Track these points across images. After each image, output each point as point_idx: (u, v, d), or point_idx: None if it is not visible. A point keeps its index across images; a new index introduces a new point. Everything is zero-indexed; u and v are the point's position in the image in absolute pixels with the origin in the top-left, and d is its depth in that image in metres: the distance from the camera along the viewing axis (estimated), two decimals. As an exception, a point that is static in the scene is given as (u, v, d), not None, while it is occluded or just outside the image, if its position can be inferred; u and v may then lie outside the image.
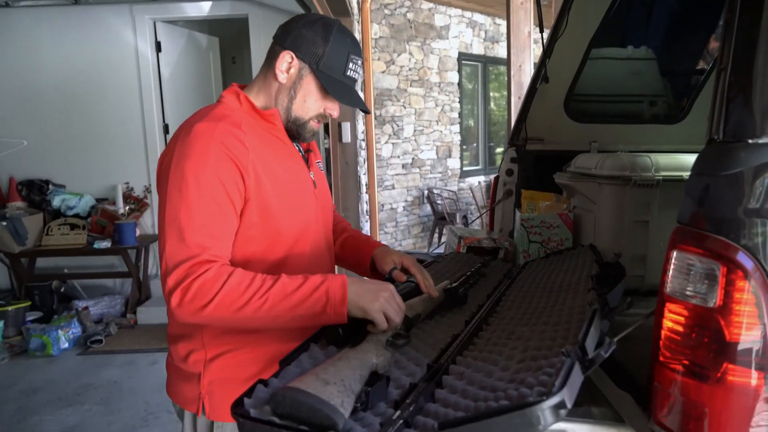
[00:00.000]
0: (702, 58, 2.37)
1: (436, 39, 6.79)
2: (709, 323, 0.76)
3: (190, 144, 1.03)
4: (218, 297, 0.94)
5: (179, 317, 0.97)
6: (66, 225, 4.42)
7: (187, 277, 0.95)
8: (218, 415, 1.12)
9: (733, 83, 0.79)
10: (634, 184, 1.67)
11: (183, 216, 0.99)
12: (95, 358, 3.78)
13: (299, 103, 1.15)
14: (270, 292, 0.97)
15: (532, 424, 0.63)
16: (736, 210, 0.75)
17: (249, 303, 0.96)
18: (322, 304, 0.98)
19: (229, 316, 0.96)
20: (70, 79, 4.63)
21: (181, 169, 1.02)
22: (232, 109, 1.13)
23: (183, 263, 0.96)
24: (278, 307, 0.97)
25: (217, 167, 1.02)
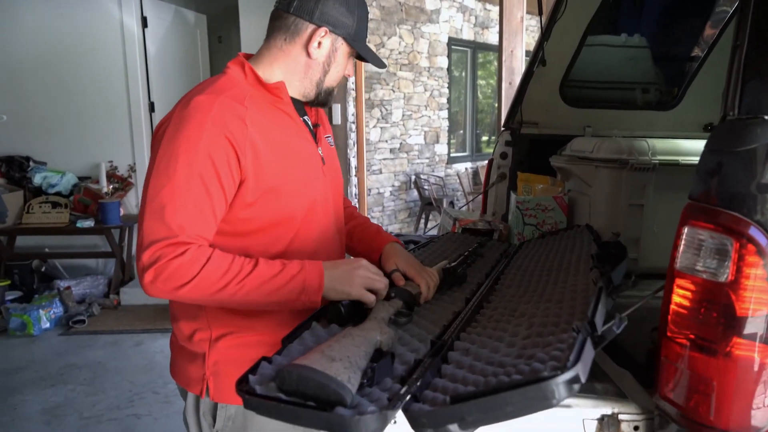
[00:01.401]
0: (697, 45, 2.38)
1: (427, 23, 6.74)
2: (719, 298, 0.76)
3: (186, 118, 0.99)
4: (195, 280, 0.93)
5: (150, 293, 0.95)
6: (48, 203, 4.32)
7: (162, 257, 0.93)
8: (222, 396, 1.08)
9: (749, 60, 0.78)
10: (631, 167, 1.68)
11: (166, 193, 0.95)
12: (78, 338, 3.72)
13: (332, 74, 1.14)
14: (247, 279, 0.96)
15: (546, 398, 0.62)
16: (750, 185, 0.75)
17: (225, 288, 0.95)
18: (297, 293, 0.99)
19: (204, 298, 0.97)
20: (52, 53, 4.50)
21: (173, 144, 0.98)
22: (237, 81, 1.08)
23: (159, 242, 0.93)
24: (254, 293, 0.97)
25: (210, 145, 0.97)
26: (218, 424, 1.10)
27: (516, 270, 1.41)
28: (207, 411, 1.12)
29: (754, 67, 0.78)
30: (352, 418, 0.69)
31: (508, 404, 0.63)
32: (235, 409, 1.09)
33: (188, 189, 0.96)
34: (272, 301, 0.98)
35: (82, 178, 4.59)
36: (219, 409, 1.10)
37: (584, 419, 0.92)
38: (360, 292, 1.01)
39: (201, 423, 1.13)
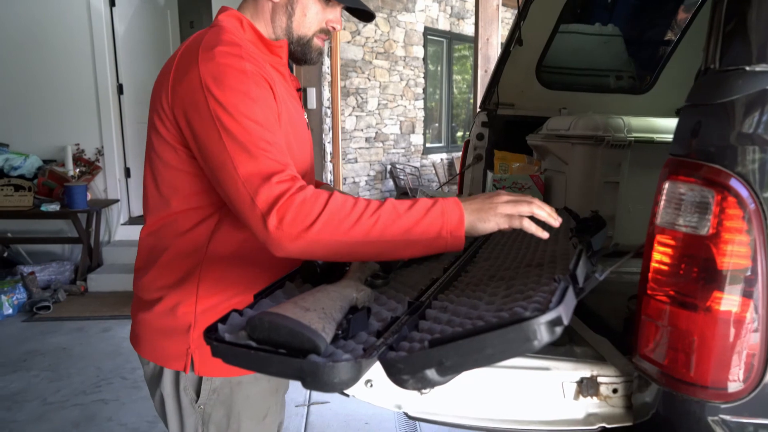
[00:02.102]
0: (670, 30, 2.41)
1: (403, 12, 6.71)
2: (700, 252, 0.75)
3: (224, 64, 0.89)
4: (324, 215, 0.81)
5: (278, 244, 0.82)
6: (9, 186, 4.15)
7: (282, 195, 0.82)
8: (208, 369, 1.02)
9: (730, 13, 0.78)
10: (607, 144, 1.68)
11: (242, 134, 0.85)
12: (42, 324, 3.60)
13: (299, 19, 1.04)
14: (380, 213, 0.83)
15: (528, 338, 0.60)
16: (731, 137, 0.75)
17: (359, 223, 0.82)
18: (437, 227, 0.84)
19: (336, 239, 0.82)
20: (15, 32, 4.32)
21: (224, 87, 0.87)
22: (239, 36, 0.99)
23: (269, 179, 0.82)
24: (390, 229, 0.83)
25: (260, 86, 0.90)
26: (202, 397, 1.04)
27: (495, 244, 1.40)
28: (189, 385, 1.04)
29: (735, 19, 0.77)
30: (326, 365, 0.66)
31: (488, 346, 0.61)
32: (221, 381, 1.04)
33: (265, 125, 0.88)
34: (411, 239, 0.83)
35: (47, 161, 4.44)
36: (204, 382, 1.04)
37: (563, 382, 0.91)
38: (509, 219, 0.86)
39: (181, 399, 1.06)
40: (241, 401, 1.06)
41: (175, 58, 0.96)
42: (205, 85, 0.88)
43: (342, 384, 0.69)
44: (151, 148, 1.00)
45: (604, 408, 0.91)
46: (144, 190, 1.06)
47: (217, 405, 1.05)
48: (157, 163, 1.00)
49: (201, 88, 0.88)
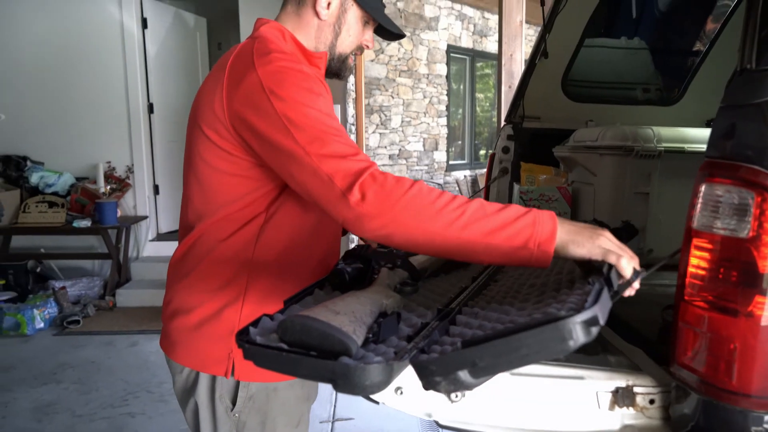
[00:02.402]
0: (698, 40, 2.37)
1: (426, 30, 6.77)
2: (740, 255, 0.73)
3: (282, 67, 0.91)
4: (407, 197, 0.79)
5: (360, 220, 0.80)
6: (44, 203, 4.28)
7: (364, 171, 0.81)
8: (249, 374, 1.02)
9: (766, 12, 0.76)
10: (636, 154, 1.66)
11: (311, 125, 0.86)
12: (72, 338, 3.66)
13: (343, 37, 1.09)
14: (468, 207, 0.80)
15: (564, 338, 0.59)
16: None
17: (442, 213, 0.79)
18: (525, 235, 0.79)
19: (417, 224, 0.79)
20: (51, 53, 4.49)
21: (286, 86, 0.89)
22: (283, 47, 1.01)
23: (345, 158, 0.82)
24: (473, 227, 0.79)
25: (319, 84, 0.93)
26: (238, 405, 1.04)
27: None
28: (225, 393, 1.04)
29: (772, 19, 0.76)
30: (357, 367, 0.66)
31: (523, 346, 0.59)
32: (257, 387, 1.04)
33: (332, 120, 0.89)
34: (494, 243, 0.79)
35: (80, 178, 4.56)
36: (240, 389, 1.03)
37: (598, 392, 0.89)
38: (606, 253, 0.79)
39: (216, 407, 1.05)
40: (276, 408, 1.06)
41: (224, 67, 0.97)
42: (267, 87, 0.89)
43: (373, 386, 0.69)
44: (197, 155, 1.01)
45: (641, 419, 0.89)
46: (185, 200, 1.08)
47: (252, 412, 1.05)
48: (203, 169, 1.01)
49: (262, 90, 0.89)
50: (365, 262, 1.05)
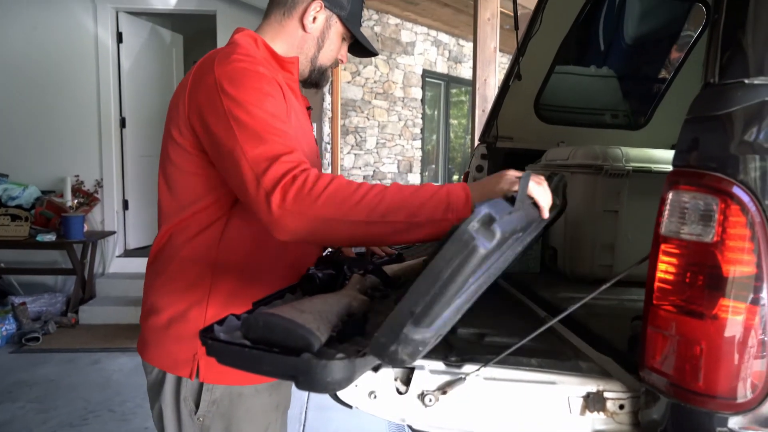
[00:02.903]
0: (664, 68, 2.48)
1: (402, 54, 6.88)
2: (705, 259, 0.76)
3: (238, 67, 0.94)
4: (326, 193, 0.81)
5: (282, 223, 0.82)
6: (6, 216, 4.14)
7: (287, 173, 0.82)
8: (213, 376, 1.02)
9: (727, 29, 0.81)
10: (606, 173, 1.70)
11: (252, 123, 0.88)
12: (30, 356, 3.52)
13: (325, 51, 1.15)
14: (385, 194, 0.83)
15: (468, 243, 0.57)
16: (732, 147, 0.76)
17: (361, 204, 0.82)
18: (443, 208, 0.83)
19: (339, 218, 0.81)
20: (22, 64, 4.41)
21: (237, 86, 0.92)
22: (252, 52, 1.05)
23: (276, 159, 0.84)
24: (395, 211, 0.82)
25: (272, 86, 0.96)
26: (201, 409, 1.03)
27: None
28: (189, 395, 1.04)
29: (733, 36, 0.80)
30: (319, 363, 0.65)
31: (441, 270, 0.58)
32: (221, 391, 1.03)
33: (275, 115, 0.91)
34: (415, 221, 0.82)
35: (46, 191, 4.44)
36: (204, 392, 1.03)
37: (569, 396, 0.90)
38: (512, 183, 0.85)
39: (180, 410, 1.05)
40: (241, 414, 1.05)
41: (191, 72, 1.01)
42: (220, 85, 0.92)
43: (335, 384, 0.68)
44: (166, 158, 1.04)
45: (611, 425, 0.90)
46: (158, 201, 1.09)
47: (216, 417, 1.04)
48: (171, 170, 1.03)
49: (216, 88, 0.92)
50: (337, 267, 1.05)
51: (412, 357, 0.64)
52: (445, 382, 0.86)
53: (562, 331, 1.20)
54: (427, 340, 0.64)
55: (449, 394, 0.86)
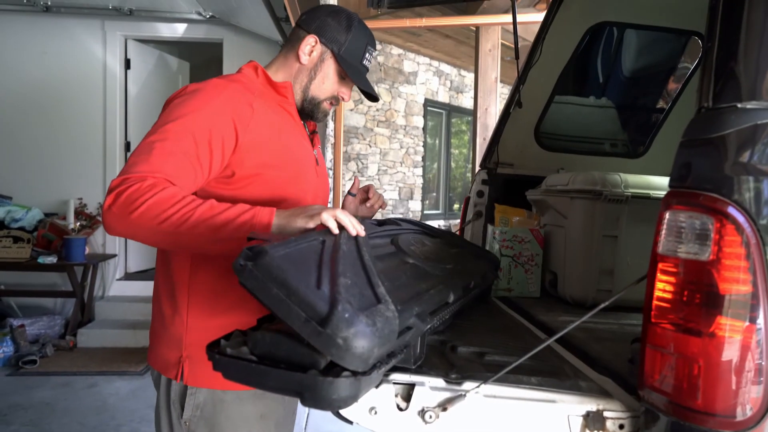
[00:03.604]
0: (662, 98, 2.52)
1: (404, 83, 7.00)
2: (702, 278, 0.77)
3: (201, 90, 1.07)
4: (146, 204, 0.90)
5: (107, 222, 0.94)
6: (9, 237, 4.16)
7: (125, 183, 0.93)
8: (194, 380, 1.09)
9: (720, 55, 0.84)
10: (605, 198, 1.73)
11: (158, 143, 0.99)
12: (27, 378, 3.49)
13: (317, 83, 1.22)
14: (197, 209, 0.92)
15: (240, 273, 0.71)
16: (726, 168, 0.78)
17: (173, 216, 0.91)
18: (246, 229, 0.92)
19: (152, 226, 0.91)
20: (30, 88, 4.49)
21: (180, 107, 1.03)
22: (250, 78, 1.20)
23: (130, 171, 0.95)
24: (201, 225, 0.92)
25: (214, 118, 1.04)
26: (186, 413, 1.08)
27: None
28: (176, 399, 1.10)
29: (726, 62, 0.83)
30: (325, 380, 0.66)
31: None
32: (204, 396, 1.08)
33: (177, 142, 0.99)
34: (219, 237, 0.92)
35: (49, 214, 4.47)
36: (188, 396, 1.08)
37: (569, 415, 0.90)
38: (313, 221, 0.94)
39: (171, 414, 1.11)
40: (223, 420, 1.09)
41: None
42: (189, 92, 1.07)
43: (341, 401, 0.69)
44: None
45: (612, 445, 0.89)
46: None
47: (201, 423, 1.09)
48: None
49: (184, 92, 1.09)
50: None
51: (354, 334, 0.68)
52: (446, 399, 0.86)
53: (563, 353, 1.20)
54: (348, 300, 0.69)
55: (449, 411, 0.86)
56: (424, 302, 0.93)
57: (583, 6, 2.22)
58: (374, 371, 0.72)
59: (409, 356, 0.84)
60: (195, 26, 4.64)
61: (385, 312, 0.73)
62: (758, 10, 0.83)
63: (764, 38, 0.82)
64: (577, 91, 2.70)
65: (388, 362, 0.76)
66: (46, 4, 4.30)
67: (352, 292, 0.73)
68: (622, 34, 2.57)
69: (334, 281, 0.73)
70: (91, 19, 4.48)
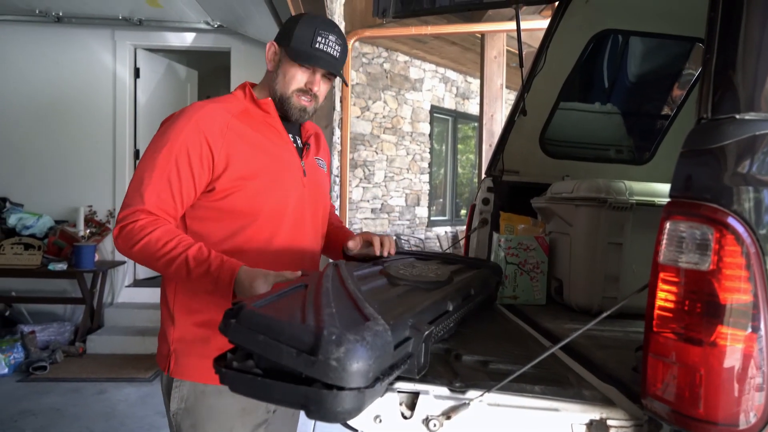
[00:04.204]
0: (666, 105, 2.53)
1: (410, 90, 7.02)
2: (702, 287, 0.78)
3: (179, 116, 1.21)
4: (140, 243, 1.11)
5: (118, 248, 1.16)
6: (20, 244, 4.21)
7: (126, 219, 1.13)
8: (181, 372, 1.18)
9: (719, 68, 0.85)
10: (609, 206, 1.73)
11: (146, 173, 1.16)
12: (37, 384, 3.53)
13: (280, 81, 1.28)
14: (177, 260, 1.10)
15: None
16: (725, 178, 0.79)
17: (159, 260, 1.11)
18: (212, 287, 1.10)
19: (148, 262, 1.13)
20: (42, 97, 4.56)
21: (159, 135, 1.20)
22: (238, 98, 1.30)
23: (130, 206, 1.14)
24: (178, 274, 1.11)
25: (189, 139, 1.17)
26: (173, 405, 1.18)
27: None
28: (166, 390, 1.20)
29: (724, 74, 0.84)
30: (330, 393, 0.67)
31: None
32: (188, 388, 1.16)
33: (163, 170, 1.15)
34: (196, 286, 1.12)
35: (60, 221, 4.52)
36: (174, 388, 1.17)
37: (572, 423, 0.90)
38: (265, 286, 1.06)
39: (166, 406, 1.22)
40: (204, 412, 1.17)
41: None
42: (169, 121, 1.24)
43: (345, 414, 0.70)
44: None
45: (615, 453, 0.90)
46: None
47: (185, 416, 1.17)
48: None
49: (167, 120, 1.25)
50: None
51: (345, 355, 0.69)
52: (450, 407, 0.87)
53: (567, 361, 1.21)
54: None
55: (453, 420, 0.87)
56: (420, 314, 0.94)
57: (588, 14, 2.23)
58: (377, 384, 0.73)
59: (413, 366, 0.85)
60: (203, 35, 4.69)
61: (375, 327, 0.74)
62: (756, 22, 0.84)
63: (762, 50, 0.83)
64: (581, 98, 2.70)
65: (391, 374, 0.77)
66: (58, 15, 4.36)
67: (338, 318, 0.75)
68: (627, 41, 2.58)
69: (319, 313, 0.76)
70: (102, 29, 4.55)
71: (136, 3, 4.14)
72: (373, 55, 6.46)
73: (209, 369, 1.10)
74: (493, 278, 1.66)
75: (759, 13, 0.85)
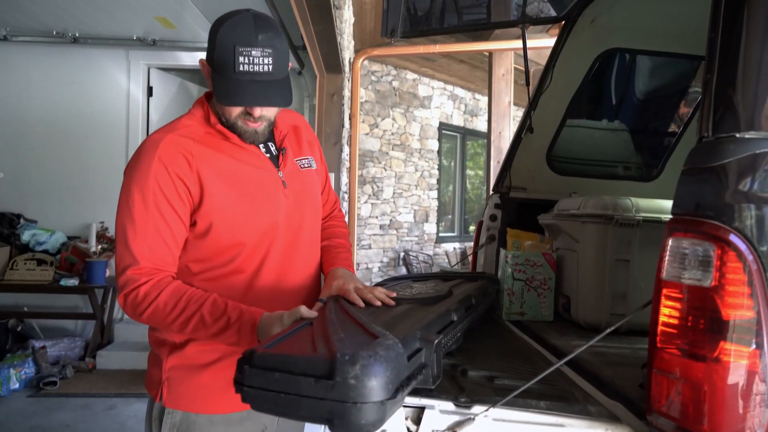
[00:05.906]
0: (674, 122, 2.54)
1: (419, 107, 7.08)
2: (705, 303, 0.79)
3: (137, 156, 1.13)
4: (147, 312, 1.07)
5: (127, 313, 1.10)
6: (33, 260, 4.27)
7: (128, 285, 1.07)
8: (172, 401, 1.14)
9: (719, 88, 0.86)
10: (616, 223, 1.74)
11: (129, 224, 1.08)
12: (47, 400, 3.55)
13: (219, 106, 1.14)
14: (192, 320, 1.05)
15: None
16: (727, 196, 0.80)
17: (172, 324, 1.07)
18: (235, 339, 1.05)
19: (161, 327, 1.13)
20: (57, 116, 4.65)
21: (128, 180, 1.12)
22: (195, 119, 1.18)
23: (127, 269, 1.07)
24: (197, 332, 1.07)
25: (159, 180, 1.09)
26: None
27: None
28: (156, 417, 1.16)
29: (725, 94, 0.86)
30: (354, 406, 0.69)
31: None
32: (180, 417, 1.13)
33: (146, 220, 1.08)
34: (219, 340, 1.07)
35: (72, 237, 4.58)
36: (166, 415, 1.14)
37: (578, 440, 0.91)
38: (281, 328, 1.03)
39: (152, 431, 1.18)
40: None
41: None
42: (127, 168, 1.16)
43: (369, 425, 0.71)
44: None
45: (621, 470, 0.90)
46: None
47: None
48: None
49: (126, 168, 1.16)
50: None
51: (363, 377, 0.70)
52: (455, 422, 0.88)
53: (575, 377, 1.21)
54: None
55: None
56: (427, 326, 0.96)
57: (594, 33, 2.26)
58: (398, 394, 0.74)
59: (428, 376, 0.86)
60: (215, 55, 4.77)
61: (385, 341, 0.76)
62: (756, 42, 0.86)
63: (762, 70, 0.84)
64: (590, 114, 2.72)
65: (408, 384, 0.78)
66: (74, 36, 4.47)
67: (348, 341, 0.77)
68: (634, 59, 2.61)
69: (329, 340, 0.77)
70: (117, 49, 4.65)
71: (151, 24, 4.23)
72: (382, 73, 6.54)
73: (202, 398, 1.13)
74: (492, 288, 1.67)
75: (759, 34, 0.87)
